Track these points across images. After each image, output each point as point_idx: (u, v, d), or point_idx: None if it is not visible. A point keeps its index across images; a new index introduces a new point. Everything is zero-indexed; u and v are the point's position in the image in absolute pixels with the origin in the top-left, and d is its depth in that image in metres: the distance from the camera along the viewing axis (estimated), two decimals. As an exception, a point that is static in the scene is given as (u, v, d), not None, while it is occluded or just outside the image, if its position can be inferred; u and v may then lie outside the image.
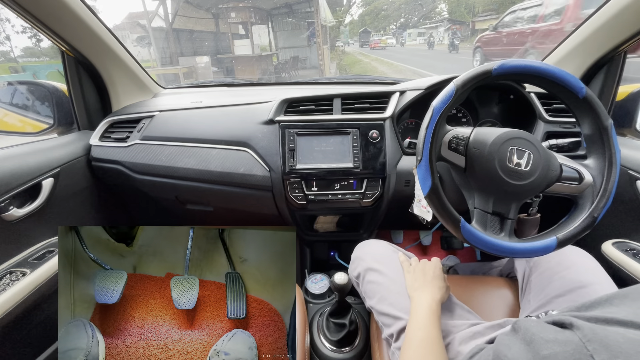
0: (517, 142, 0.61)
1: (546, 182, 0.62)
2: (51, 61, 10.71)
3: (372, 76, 1.36)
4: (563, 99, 0.65)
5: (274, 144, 0.90)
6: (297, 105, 0.94)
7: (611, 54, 0.86)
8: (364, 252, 0.77)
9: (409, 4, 38.69)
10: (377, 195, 0.91)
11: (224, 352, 0.55)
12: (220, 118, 0.98)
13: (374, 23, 41.87)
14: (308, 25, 11.01)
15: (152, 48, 10.23)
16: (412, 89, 0.94)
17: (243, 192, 0.94)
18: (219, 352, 0.55)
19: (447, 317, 0.61)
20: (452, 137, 0.67)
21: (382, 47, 21.34)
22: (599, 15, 0.82)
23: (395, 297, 0.64)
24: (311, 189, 0.90)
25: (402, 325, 0.60)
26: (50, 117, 1.08)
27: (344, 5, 27.15)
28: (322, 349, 0.85)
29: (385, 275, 0.69)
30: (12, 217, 0.75)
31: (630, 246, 0.74)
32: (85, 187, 1.00)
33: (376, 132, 0.88)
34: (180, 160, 0.94)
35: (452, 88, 0.61)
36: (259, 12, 10.49)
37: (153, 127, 1.00)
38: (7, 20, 13.76)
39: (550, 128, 0.89)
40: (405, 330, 0.58)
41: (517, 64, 0.61)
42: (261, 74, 9.91)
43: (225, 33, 11.26)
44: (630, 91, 0.94)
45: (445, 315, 0.61)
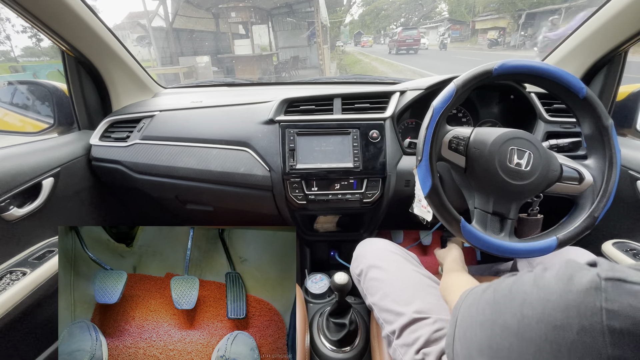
0: (518, 142, 0.61)
1: (546, 182, 0.62)
2: (51, 61, 10.71)
3: (373, 76, 1.36)
4: (563, 99, 0.65)
5: (274, 143, 0.90)
6: (297, 105, 0.94)
7: (611, 54, 0.86)
8: (366, 250, 0.77)
9: (409, 4, 38.66)
10: (377, 195, 0.91)
11: (233, 359, 0.55)
12: (221, 118, 0.98)
13: (374, 23, 41.86)
14: (308, 25, 11.01)
15: (152, 48, 10.24)
16: (413, 89, 0.94)
17: (243, 192, 0.94)
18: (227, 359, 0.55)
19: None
20: (453, 137, 0.67)
21: (370, 45, 28.33)
22: (600, 15, 0.82)
23: (398, 294, 0.64)
24: (311, 189, 0.90)
25: (405, 321, 0.60)
26: (50, 116, 1.08)
27: (344, 5, 27.46)
28: (322, 348, 0.85)
29: (387, 272, 0.69)
30: (12, 216, 0.75)
31: (631, 246, 0.74)
32: (86, 187, 1.00)
33: (376, 132, 0.88)
34: (180, 160, 0.94)
35: (452, 88, 0.61)
36: (259, 11, 10.49)
37: (153, 126, 1.00)
38: (7, 19, 13.77)
39: (550, 128, 0.88)
40: (408, 326, 0.58)
41: (517, 64, 0.61)
42: (261, 73, 9.91)
43: (226, 33, 11.27)
44: (630, 91, 0.94)
45: (449, 311, 0.61)
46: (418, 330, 0.58)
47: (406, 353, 0.57)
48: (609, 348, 0.20)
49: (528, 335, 0.24)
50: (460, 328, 0.38)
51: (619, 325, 0.20)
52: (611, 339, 0.20)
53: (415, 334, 0.57)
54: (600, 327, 0.20)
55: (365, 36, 33.58)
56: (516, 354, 0.25)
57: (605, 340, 0.20)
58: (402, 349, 0.58)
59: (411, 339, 0.57)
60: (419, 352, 0.55)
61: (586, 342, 0.20)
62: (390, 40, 18.47)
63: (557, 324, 0.22)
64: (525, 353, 0.24)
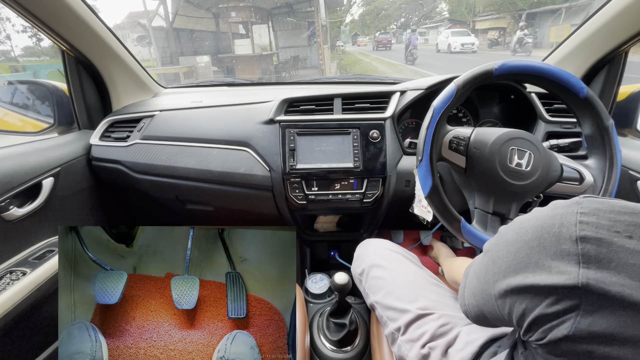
0: (518, 142, 0.61)
1: (547, 182, 0.62)
2: (51, 60, 10.71)
3: (373, 76, 1.36)
4: (564, 99, 0.65)
5: (274, 143, 0.90)
6: (298, 105, 0.94)
7: (612, 54, 0.86)
8: (367, 250, 0.78)
9: (409, 4, 38.63)
10: (378, 195, 0.91)
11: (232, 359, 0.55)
12: (221, 118, 0.98)
13: (374, 23, 41.82)
14: (308, 24, 11.01)
15: (152, 47, 10.24)
16: (413, 89, 0.94)
17: (243, 192, 0.94)
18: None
19: (455, 310, 0.61)
20: (453, 137, 0.67)
21: (365, 45, 31.02)
22: (600, 16, 0.82)
23: (402, 292, 0.64)
24: (311, 189, 0.90)
25: (410, 317, 0.60)
26: (50, 116, 1.08)
27: (344, 5, 27.56)
28: (322, 349, 0.85)
29: (390, 270, 0.70)
30: (12, 216, 0.75)
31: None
32: (86, 186, 1.00)
33: (376, 132, 0.88)
34: (180, 160, 0.94)
35: (452, 88, 0.61)
36: (259, 11, 10.49)
37: (153, 126, 1.00)
38: (7, 19, 13.77)
39: (550, 128, 0.88)
40: (413, 322, 0.60)
41: (518, 64, 0.61)
42: (261, 73, 9.92)
43: (226, 32, 11.27)
44: (631, 91, 0.94)
45: (453, 308, 0.61)
46: (423, 325, 0.58)
47: (412, 348, 0.57)
48: (578, 231, 0.29)
49: (523, 238, 0.33)
50: (468, 275, 0.45)
51: (586, 218, 0.29)
52: (580, 226, 0.29)
53: (421, 330, 0.57)
54: (574, 220, 0.30)
55: (361, 37, 37.95)
56: (513, 255, 0.34)
57: (576, 228, 0.29)
58: (408, 345, 0.58)
59: (417, 335, 0.57)
60: (424, 346, 0.55)
61: (563, 231, 0.30)
62: (374, 40, 25.73)
63: (545, 225, 0.32)
64: (520, 251, 0.33)
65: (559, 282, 0.28)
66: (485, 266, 0.39)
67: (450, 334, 0.55)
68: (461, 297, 0.46)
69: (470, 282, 0.43)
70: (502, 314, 0.36)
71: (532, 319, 0.31)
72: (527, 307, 0.31)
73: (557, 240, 0.30)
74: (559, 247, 0.30)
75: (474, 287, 0.42)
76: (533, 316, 0.31)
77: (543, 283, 0.30)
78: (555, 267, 0.29)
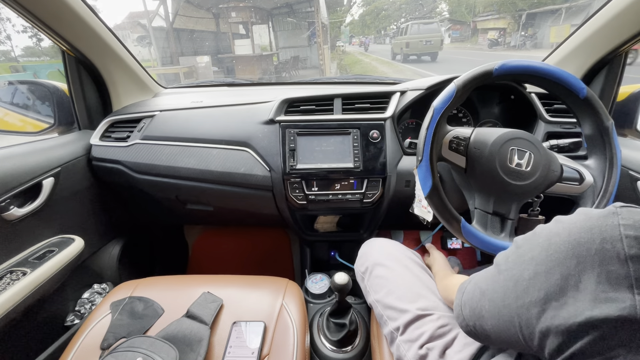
0: (518, 143, 0.61)
1: (547, 183, 0.62)
2: (52, 61, 10.72)
3: (373, 76, 1.36)
4: (564, 99, 0.65)
5: (274, 143, 0.90)
6: (298, 105, 0.94)
7: (612, 55, 0.86)
8: (372, 249, 0.78)
9: (409, 4, 38.64)
10: (378, 196, 0.91)
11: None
12: (221, 118, 0.98)
13: (374, 23, 41.86)
14: (309, 25, 11.01)
15: (152, 48, 10.23)
16: (413, 89, 0.94)
17: (243, 192, 0.94)
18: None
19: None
20: (453, 138, 0.67)
21: (359, 45, 33.33)
22: (600, 16, 0.82)
23: (403, 291, 0.65)
24: (311, 189, 0.90)
25: (409, 318, 0.60)
26: (50, 116, 1.08)
27: (345, 5, 27.58)
28: (322, 349, 0.85)
29: (393, 270, 0.70)
30: (12, 216, 0.75)
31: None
32: (86, 186, 1.00)
33: (377, 132, 0.88)
34: (180, 160, 0.94)
35: (452, 88, 0.61)
36: (259, 11, 10.49)
37: (153, 126, 1.00)
38: (7, 19, 13.78)
39: (550, 128, 0.88)
40: (412, 322, 0.59)
41: (518, 64, 0.61)
42: (262, 73, 9.92)
43: (226, 33, 11.26)
44: (631, 91, 0.94)
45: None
46: (422, 326, 0.58)
47: (410, 348, 0.57)
48: (627, 249, 0.25)
49: (555, 257, 0.29)
50: (467, 293, 0.42)
51: (633, 233, 0.25)
52: (628, 242, 0.25)
53: (420, 330, 0.58)
54: (619, 236, 0.26)
55: (355, 37, 41.46)
56: (544, 277, 0.29)
57: (624, 244, 0.25)
58: (406, 345, 0.58)
59: (415, 335, 0.58)
60: (422, 347, 0.55)
61: (607, 249, 0.26)
62: (360, 42, 31.72)
63: (582, 241, 0.27)
64: (553, 272, 0.29)
65: (610, 313, 0.24)
66: (503, 287, 0.34)
67: (449, 336, 0.55)
68: (459, 315, 0.44)
69: (473, 300, 0.40)
70: (528, 343, 0.31)
71: (568, 355, 0.27)
72: (565, 341, 0.27)
73: (600, 260, 0.26)
74: (604, 268, 0.25)
75: (481, 307, 0.38)
76: (570, 352, 0.26)
77: (589, 315, 0.25)
78: (601, 293, 0.25)
